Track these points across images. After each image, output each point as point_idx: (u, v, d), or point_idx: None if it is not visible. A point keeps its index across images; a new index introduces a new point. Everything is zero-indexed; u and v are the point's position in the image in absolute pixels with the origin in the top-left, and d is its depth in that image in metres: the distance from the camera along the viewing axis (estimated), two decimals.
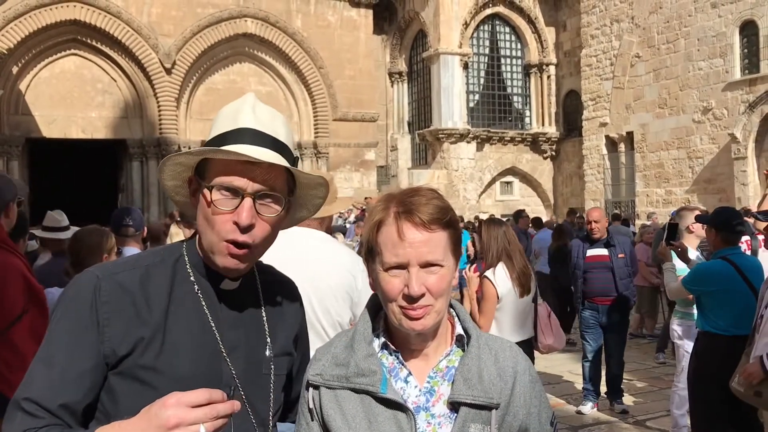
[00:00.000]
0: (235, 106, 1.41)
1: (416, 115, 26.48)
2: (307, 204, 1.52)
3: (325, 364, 1.40)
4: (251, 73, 19.48)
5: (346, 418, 1.34)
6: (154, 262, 1.39)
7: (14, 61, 16.51)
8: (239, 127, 1.36)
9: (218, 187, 1.32)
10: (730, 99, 18.10)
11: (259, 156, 1.30)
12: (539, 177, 25.24)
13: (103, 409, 1.30)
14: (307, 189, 1.47)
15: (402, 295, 1.32)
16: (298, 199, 1.48)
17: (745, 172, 17.43)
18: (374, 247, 1.37)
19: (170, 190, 1.47)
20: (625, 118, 21.24)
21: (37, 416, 1.21)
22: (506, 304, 4.42)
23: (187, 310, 1.36)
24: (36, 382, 1.24)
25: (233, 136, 1.35)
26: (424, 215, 1.33)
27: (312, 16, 19.73)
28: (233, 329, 1.41)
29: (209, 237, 1.34)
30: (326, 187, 1.49)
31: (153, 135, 18.01)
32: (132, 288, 1.33)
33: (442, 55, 23.55)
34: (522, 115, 25.74)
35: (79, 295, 1.31)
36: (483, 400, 1.35)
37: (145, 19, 17.65)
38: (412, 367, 1.40)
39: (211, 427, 1.11)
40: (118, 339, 1.28)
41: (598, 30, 22.08)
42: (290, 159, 1.40)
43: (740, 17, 17.82)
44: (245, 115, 1.37)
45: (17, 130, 16.86)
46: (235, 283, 1.42)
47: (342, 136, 20.12)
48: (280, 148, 1.37)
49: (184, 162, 1.40)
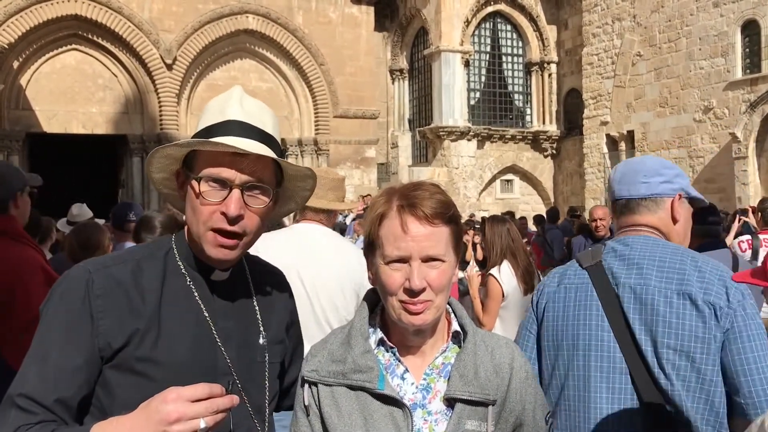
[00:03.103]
0: (223, 98, 1.41)
1: (417, 113, 26.44)
2: (294, 196, 1.52)
3: (321, 360, 1.40)
4: (252, 69, 19.44)
5: (342, 414, 1.34)
6: (144, 256, 1.40)
7: (15, 56, 16.48)
8: (227, 119, 1.36)
9: (206, 179, 1.32)
10: (731, 98, 18.07)
11: (246, 147, 1.31)
12: (540, 175, 25.22)
13: (98, 403, 1.30)
14: (294, 181, 1.48)
15: (402, 289, 1.32)
16: (285, 191, 1.48)
17: (746, 172, 17.41)
18: (375, 240, 1.37)
19: (158, 183, 1.47)
20: (626, 117, 21.22)
21: (32, 412, 1.21)
22: (511, 302, 4.41)
23: (180, 302, 1.37)
24: (30, 378, 1.24)
25: (221, 128, 1.35)
26: (427, 209, 1.32)
27: (313, 13, 19.69)
28: (226, 319, 1.41)
29: (197, 228, 1.35)
30: (314, 179, 1.49)
31: (154, 131, 17.99)
32: (125, 281, 1.33)
33: (444, 52, 23.51)
34: (523, 113, 25.70)
35: (71, 290, 1.30)
36: (479, 397, 1.34)
37: (146, 15, 17.62)
38: (408, 364, 1.39)
39: (211, 421, 1.12)
40: (113, 332, 1.28)
41: (599, 28, 22.04)
42: (277, 151, 1.40)
43: (742, 16, 17.78)
44: (233, 108, 1.38)
45: (18, 125, 16.84)
46: (225, 273, 1.43)
47: (342, 133, 20.10)
48: (268, 140, 1.38)
49: (172, 154, 1.40)
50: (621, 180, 2.00)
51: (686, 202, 1.99)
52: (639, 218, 1.95)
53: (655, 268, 1.81)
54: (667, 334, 1.73)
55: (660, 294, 1.77)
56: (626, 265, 1.86)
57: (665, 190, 1.94)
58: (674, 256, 1.84)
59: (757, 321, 1.72)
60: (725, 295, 1.72)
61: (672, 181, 1.95)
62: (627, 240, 1.93)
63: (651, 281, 1.80)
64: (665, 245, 1.89)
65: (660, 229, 1.94)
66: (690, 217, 2.00)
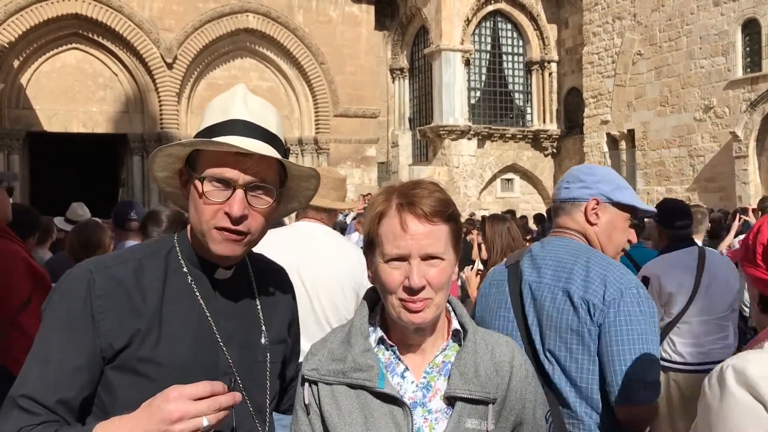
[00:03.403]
0: (226, 97, 1.40)
1: (417, 112, 26.42)
2: (298, 195, 1.51)
3: (321, 359, 1.39)
4: (252, 68, 19.43)
5: (342, 413, 1.33)
6: (146, 255, 1.39)
7: (15, 55, 16.47)
8: (230, 119, 1.35)
9: (209, 179, 1.31)
10: (731, 97, 18.06)
11: (250, 147, 1.29)
12: (540, 174, 25.20)
13: (100, 403, 1.29)
14: (298, 180, 1.46)
15: (402, 288, 1.32)
16: (289, 191, 1.47)
17: (746, 171, 17.40)
18: (375, 238, 1.36)
19: (160, 181, 1.46)
20: (626, 116, 21.20)
21: (34, 413, 1.20)
22: None
23: (182, 302, 1.36)
24: (32, 379, 1.23)
25: (224, 128, 1.34)
26: (426, 207, 1.32)
27: (313, 12, 19.68)
28: (228, 318, 1.40)
29: (201, 227, 1.33)
30: (317, 179, 1.48)
31: (154, 130, 17.98)
32: (126, 281, 1.32)
33: (444, 51, 23.50)
34: (523, 112, 25.68)
35: (73, 290, 1.29)
36: (479, 395, 1.34)
37: (146, 14, 17.61)
38: (408, 362, 1.39)
39: (213, 419, 1.12)
40: (114, 332, 1.27)
41: (600, 27, 22.03)
42: (281, 150, 1.38)
43: (743, 15, 17.77)
44: (236, 107, 1.36)
45: (18, 124, 16.83)
46: (229, 271, 1.42)
47: (343, 132, 20.08)
48: (271, 140, 1.36)
49: (175, 153, 1.39)
50: (557, 186, 2.24)
51: (609, 207, 2.08)
52: (560, 221, 2.15)
53: (551, 267, 2.02)
54: (550, 326, 1.97)
55: (549, 291, 1.99)
56: (533, 264, 2.08)
57: (581, 194, 2.08)
58: (572, 257, 2.01)
59: (631, 317, 1.87)
60: (602, 293, 1.90)
61: (590, 187, 2.09)
62: (546, 241, 2.15)
63: (545, 279, 2.02)
64: (572, 247, 2.04)
65: (579, 231, 2.09)
66: (618, 222, 2.10)
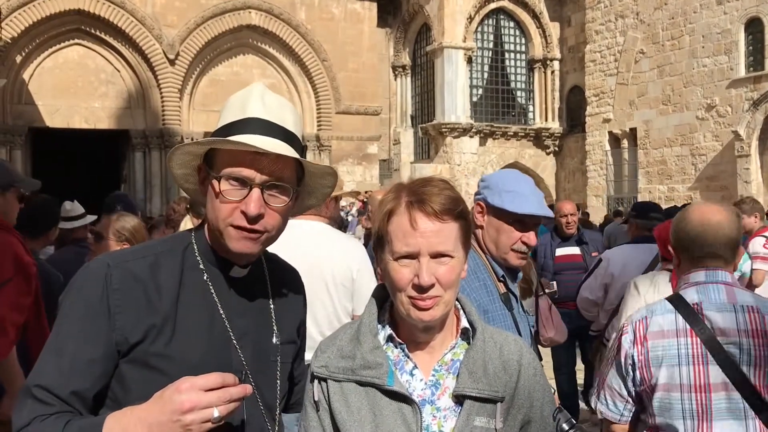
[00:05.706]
0: (244, 94, 1.39)
1: (419, 109, 26.40)
2: (315, 192, 1.52)
3: (330, 356, 1.40)
4: (255, 65, 19.42)
5: (351, 411, 1.34)
6: (163, 251, 1.39)
7: (18, 50, 16.47)
8: (247, 117, 1.35)
9: (226, 177, 1.31)
10: (734, 96, 18.03)
11: (266, 147, 1.29)
12: (542, 172, 25.18)
13: (113, 396, 1.30)
14: (315, 178, 1.47)
15: (411, 285, 1.32)
16: (306, 188, 1.47)
17: (748, 170, 17.38)
18: (384, 236, 1.36)
19: (179, 178, 1.47)
20: (628, 115, 21.18)
21: (48, 403, 1.22)
22: None
23: (197, 298, 1.36)
24: (47, 370, 1.24)
25: (241, 126, 1.34)
26: (436, 205, 1.32)
27: (316, 9, 19.66)
28: (242, 316, 1.41)
29: (218, 225, 1.34)
30: (335, 177, 1.49)
31: (156, 126, 17.99)
32: (143, 276, 1.32)
33: (446, 49, 23.47)
34: (525, 111, 25.65)
35: (90, 283, 1.30)
36: (488, 393, 1.34)
37: (149, 10, 17.60)
38: (417, 360, 1.39)
39: (224, 410, 1.13)
40: (129, 326, 1.28)
41: (602, 26, 21.99)
42: (298, 148, 1.38)
43: (746, 14, 17.74)
44: (253, 105, 1.36)
45: (20, 120, 16.84)
46: (244, 270, 1.42)
47: (345, 129, 20.08)
48: (289, 138, 1.37)
49: (193, 151, 1.40)
50: None
51: (492, 210, 2.22)
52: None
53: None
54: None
55: None
56: None
57: (475, 199, 2.30)
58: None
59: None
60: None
61: (479, 192, 2.28)
62: None
63: None
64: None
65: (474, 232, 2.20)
66: (500, 226, 2.22)
